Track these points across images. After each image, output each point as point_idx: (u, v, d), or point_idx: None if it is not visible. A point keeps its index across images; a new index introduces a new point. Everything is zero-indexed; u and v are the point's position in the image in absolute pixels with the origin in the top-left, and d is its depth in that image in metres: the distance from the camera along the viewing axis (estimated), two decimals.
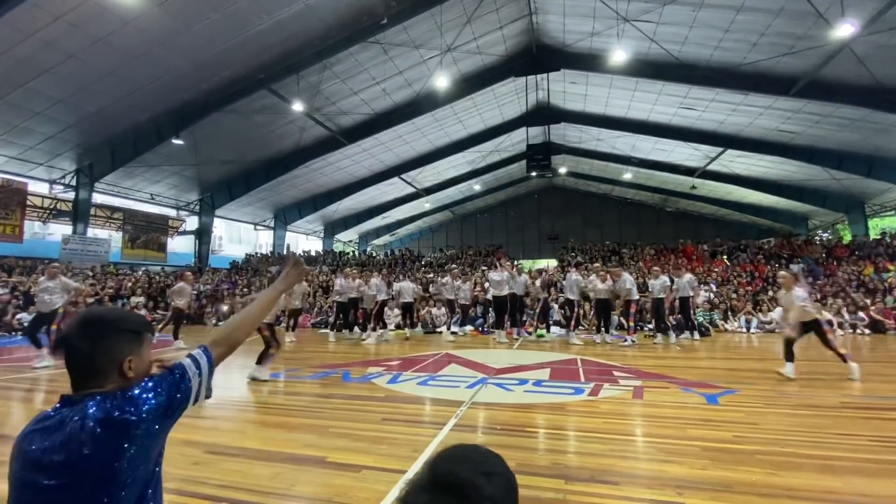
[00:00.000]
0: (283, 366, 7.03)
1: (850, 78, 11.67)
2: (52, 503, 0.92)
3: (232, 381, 5.78)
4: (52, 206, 16.71)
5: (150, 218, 19.99)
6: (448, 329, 10.96)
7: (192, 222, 21.46)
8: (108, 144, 15.19)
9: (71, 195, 16.48)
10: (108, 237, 18.61)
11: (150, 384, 1.05)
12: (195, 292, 15.08)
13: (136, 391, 1.03)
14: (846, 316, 11.11)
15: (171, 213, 20.92)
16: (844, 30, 9.58)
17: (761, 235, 21.78)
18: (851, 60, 10.84)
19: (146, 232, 19.77)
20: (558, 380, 5.68)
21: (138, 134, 14.91)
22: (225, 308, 14.35)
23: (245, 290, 15.93)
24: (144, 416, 0.99)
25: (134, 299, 13.75)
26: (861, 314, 11.14)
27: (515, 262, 17.47)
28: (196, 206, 20.93)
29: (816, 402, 4.51)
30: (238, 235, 27.04)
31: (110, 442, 0.95)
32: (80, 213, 16.45)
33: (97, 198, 17.48)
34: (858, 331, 10.76)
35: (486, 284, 12.14)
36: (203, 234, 21.14)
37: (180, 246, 22.14)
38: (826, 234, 22.01)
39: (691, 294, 9.73)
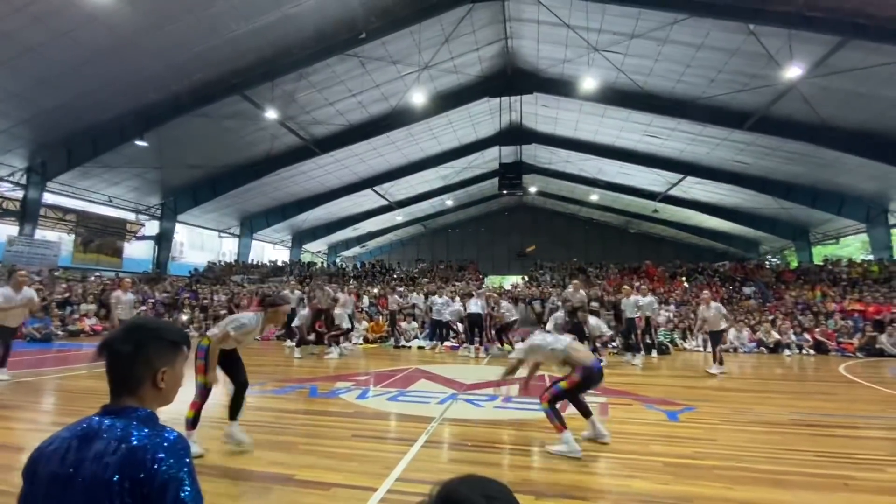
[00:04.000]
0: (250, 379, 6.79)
1: (797, 115, 12.63)
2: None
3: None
4: None
5: (106, 221, 18.99)
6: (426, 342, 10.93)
7: (152, 227, 20.54)
8: (65, 143, 14.43)
9: (19, 194, 15.49)
10: (59, 240, 17.54)
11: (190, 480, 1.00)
12: (152, 300, 14.42)
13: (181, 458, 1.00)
14: (793, 337, 11.79)
15: (131, 216, 19.97)
16: (792, 71, 10.43)
17: (717, 259, 22.94)
18: (798, 99, 11.75)
19: (101, 235, 18.77)
20: (527, 396, 5.75)
21: (99, 133, 14.25)
22: (184, 318, 13.74)
23: (205, 299, 15.33)
24: (166, 477, 0.97)
25: (84, 306, 12.98)
26: (806, 335, 11.85)
27: (486, 286, 17.69)
28: (157, 211, 20.10)
29: (768, 419, 4.77)
30: (201, 242, 26.07)
31: (131, 480, 0.95)
32: (28, 213, 15.43)
33: (49, 198, 16.49)
34: (804, 351, 11.43)
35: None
36: (163, 240, 20.26)
37: (138, 252, 21.11)
38: (775, 259, 23.43)
39: (650, 314, 10.05)
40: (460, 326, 11.26)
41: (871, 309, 12.44)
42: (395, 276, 20.13)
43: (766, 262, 21.43)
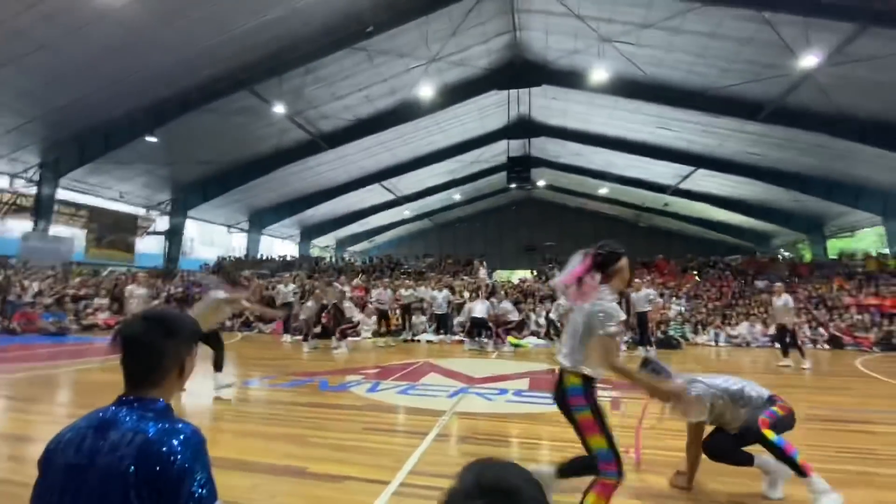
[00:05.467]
0: (259, 373, 6.85)
1: (813, 106, 12.35)
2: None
3: (204, 388, 5.58)
4: (11, 202, 15.89)
5: (118, 216, 19.22)
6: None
7: (162, 222, 20.74)
8: (77, 139, 14.60)
9: (33, 190, 15.71)
10: (72, 235, 17.79)
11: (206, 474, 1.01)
12: (164, 293, 14.58)
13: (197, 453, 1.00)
14: (807, 332, 11.62)
15: (141, 212, 20.18)
16: (809, 60, 10.18)
17: (728, 252, 22.63)
18: (814, 89, 11.49)
19: (113, 231, 19.00)
20: (538, 389, 5.72)
21: (110, 129, 14.38)
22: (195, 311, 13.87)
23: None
24: (182, 470, 0.96)
25: (98, 300, 13.16)
26: (821, 330, 11.67)
27: (492, 280, 17.59)
28: (168, 206, 20.28)
29: None
30: (210, 237, 26.28)
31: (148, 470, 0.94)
32: (42, 210, 15.66)
33: (61, 194, 16.71)
34: (819, 346, 11.26)
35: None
36: (174, 235, 20.45)
37: (149, 247, 21.34)
38: (788, 253, 23.08)
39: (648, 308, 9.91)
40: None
41: (888, 303, 12.22)
42: (402, 270, 20.13)
43: (780, 256, 21.12)
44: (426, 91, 14.21)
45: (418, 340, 11.50)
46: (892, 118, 11.97)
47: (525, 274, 20.52)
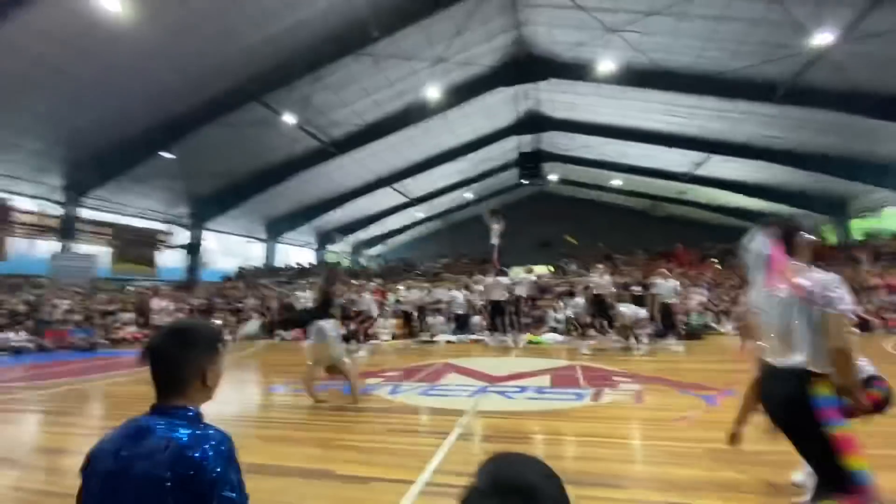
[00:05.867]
0: (282, 379, 6.97)
1: (828, 84, 12.01)
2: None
3: (229, 396, 5.72)
4: (38, 223, 16.45)
5: (139, 232, 19.74)
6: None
7: (182, 236, 21.23)
8: (96, 159, 15.04)
9: (58, 210, 16.25)
10: (97, 252, 18.34)
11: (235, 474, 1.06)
12: (189, 307, 14.92)
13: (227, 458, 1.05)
14: None
15: (161, 226, 20.69)
16: (823, 38, 9.91)
17: None
18: (829, 68, 11.18)
19: (136, 246, 19.51)
20: (559, 386, 5.71)
21: (128, 147, 14.78)
22: (219, 322, 14.17)
23: (238, 303, 15.77)
24: (214, 475, 1.01)
25: (124, 315, 13.54)
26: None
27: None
28: (186, 220, 20.74)
29: None
30: (229, 248, 26.83)
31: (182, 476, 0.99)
32: (67, 229, 16.21)
33: (85, 213, 17.26)
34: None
35: (480, 288, 12.08)
36: (193, 248, 20.92)
37: (171, 260, 21.87)
38: (811, 236, 22.43)
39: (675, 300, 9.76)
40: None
41: None
42: (418, 272, 20.23)
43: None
44: (433, 92, 14.26)
45: (437, 341, 11.54)
46: None
47: (542, 269, 20.41)
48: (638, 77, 13.89)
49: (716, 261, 17.50)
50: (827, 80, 11.87)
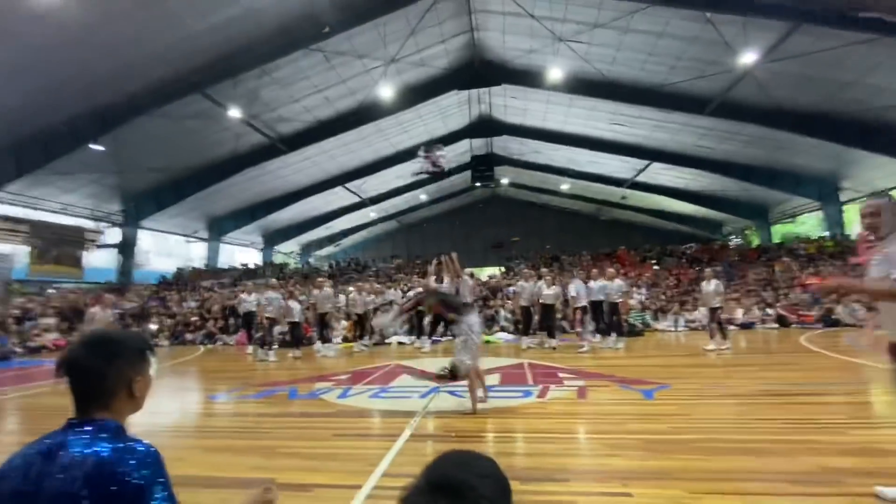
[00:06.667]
0: (225, 385, 6.64)
1: (753, 100, 13.12)
2: None
3: (168, 406, 5.37)
4: None
5: (62, 230, 18.04)
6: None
7: (113, 234, 19.66)
8: (14, 149, 13.62)
9: None
10: (12, 252, 16.61)
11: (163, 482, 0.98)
12: (118, 311, 13.85)
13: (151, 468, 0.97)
14: (757, 312, 12.32)
15: (89, 224, 19.04)
16: (748, 57, 10.82)
17: (684, 241, 23.68)
18: (754, 84, 12.20)
19: (58, 245, 17.84)
20: (508, 384, 5.83)
21: (50, 137, 13.48)
22: (153, 327, 13.28)
23: (175, 307, 14.85)
24: (139, 491, 0.94)
25: (44, 320, 12.36)
26: (769, 310, 12.40)
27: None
28: (118, 218, 19.24)
29: (739, 391, 4.97)
30: (167, 248, 25.16)
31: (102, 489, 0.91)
32: None
33: None
34: (767, 325, 11.96)
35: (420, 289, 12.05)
36: (126, 248, 19.45)
37: (100, 260, 20.19)
38: (737, 239, 24.41)
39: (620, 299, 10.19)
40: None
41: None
42: (370, 273, 19.94)
43: (729, 242, 22.28)
44: (386, 92, 14.15)
45: (389, 343, 11.44)
46: (825, 109, 12.85)
47: (494, 270, 20.76)
48: (585, 86, 14.51)
49: (654, 262, 18.56)
50: (752, 96, 12.95)
